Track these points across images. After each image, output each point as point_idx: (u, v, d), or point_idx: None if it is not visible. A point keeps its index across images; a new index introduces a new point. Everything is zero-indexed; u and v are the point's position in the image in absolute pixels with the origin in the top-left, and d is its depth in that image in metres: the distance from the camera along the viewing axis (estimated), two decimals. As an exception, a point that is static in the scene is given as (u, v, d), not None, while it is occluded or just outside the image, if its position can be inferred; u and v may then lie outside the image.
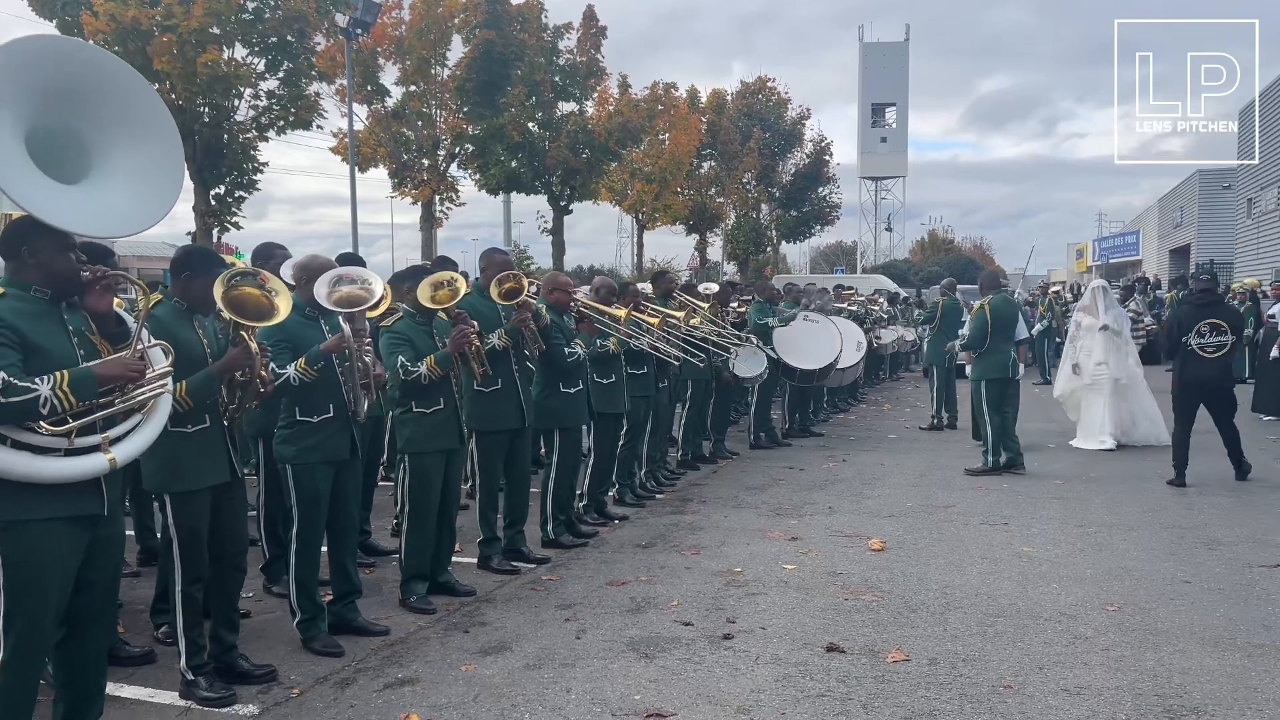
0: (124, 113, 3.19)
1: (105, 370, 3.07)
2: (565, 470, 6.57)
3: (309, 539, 4.62)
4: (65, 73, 3.04)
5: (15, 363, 2.90)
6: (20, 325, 2.96)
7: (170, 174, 3.28)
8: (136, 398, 3.15)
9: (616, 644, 4.64)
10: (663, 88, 31.63)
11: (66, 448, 2.98)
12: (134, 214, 3.16)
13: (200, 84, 17.60)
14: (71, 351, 3.10)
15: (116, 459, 3.08)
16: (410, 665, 4.40)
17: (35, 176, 2.94)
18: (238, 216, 19.60)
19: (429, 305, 5.21)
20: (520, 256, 42.55)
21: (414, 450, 5.24)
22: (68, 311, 3.18)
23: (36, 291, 3.09)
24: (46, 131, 3.03)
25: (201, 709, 3.92)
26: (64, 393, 2.93)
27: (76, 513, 3.06)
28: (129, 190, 3.17)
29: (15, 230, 3.07)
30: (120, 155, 3.18)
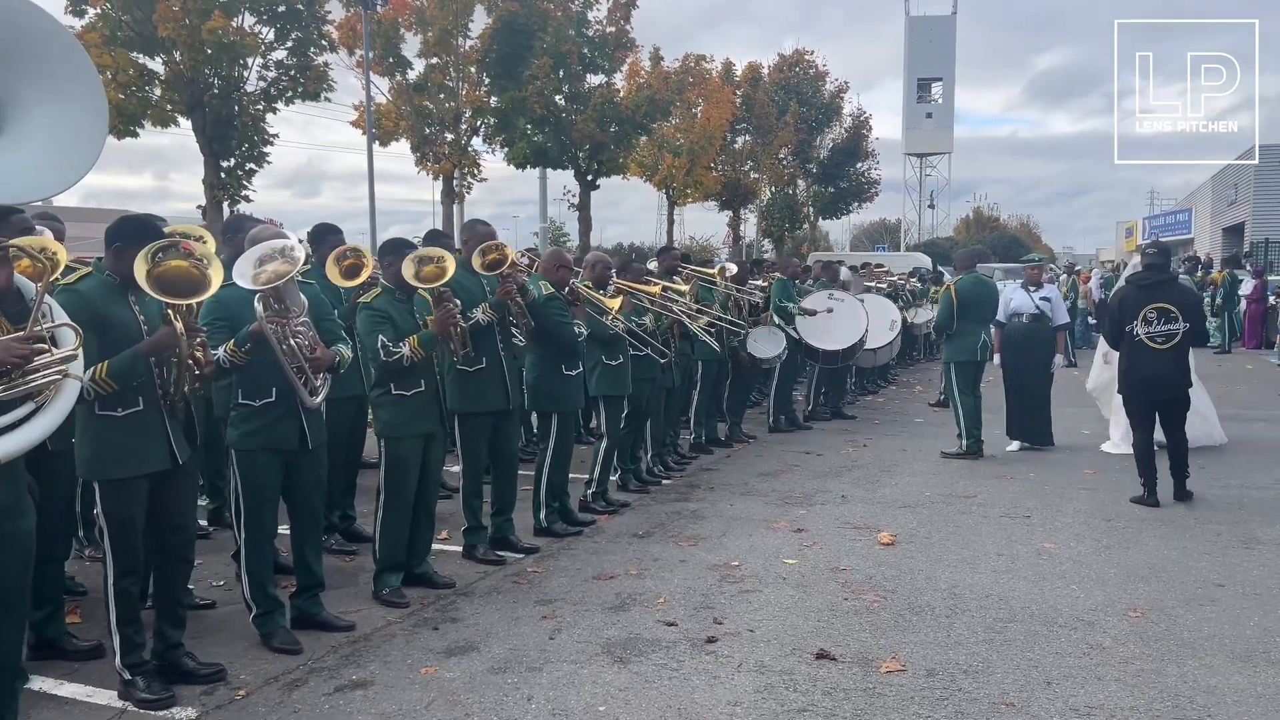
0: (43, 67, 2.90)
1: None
2: (561, 455, 6.26)
3: (255, 530, 4.35)
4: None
5: None
6: None
7: (92, 135, 2.99)
8: (28, 384, 2.86)
9: (591, 646, 4.34)
10: (694, 60, 31.03)
11: None
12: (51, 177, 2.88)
13: (207, 53, 17.39)
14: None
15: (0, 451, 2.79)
16: (368, 666, 4.13)
17: None
18: (248, 189, 19.45)
19: (413, 283, 4.91)
20: (557, 233, 42.27)
21: (391, 435, 4.95)
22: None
23: None
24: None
25: (137, 711, 3.68)
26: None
27: None
28: (42, 151, 2.89)
29: None
30: (34, 113, 2.90)
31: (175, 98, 18.46)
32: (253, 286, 4.05)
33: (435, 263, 4.98)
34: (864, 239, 63.15)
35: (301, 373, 4.20)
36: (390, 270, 4.98)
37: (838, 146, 41.45)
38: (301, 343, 4.19)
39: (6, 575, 2.97)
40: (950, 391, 9.33)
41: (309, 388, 4.24)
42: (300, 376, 4.19)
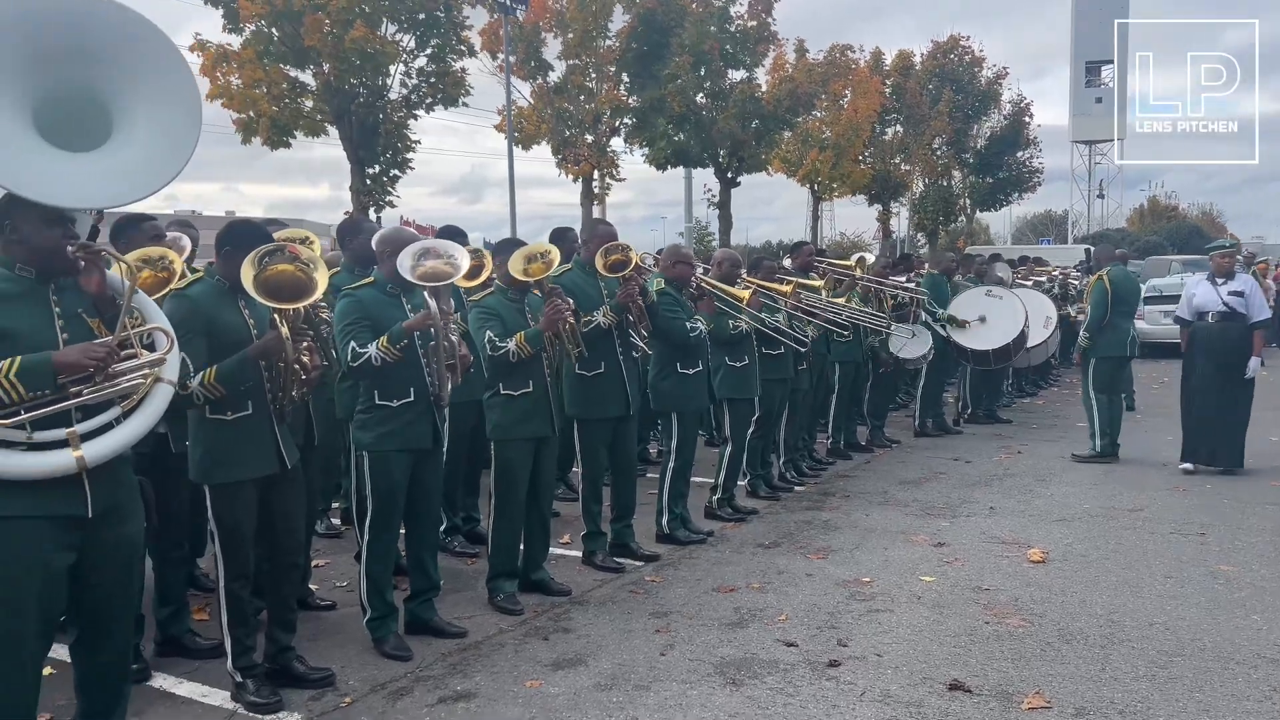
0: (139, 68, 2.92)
1: (63, 358, 2.76)
2: (683, 458, 6.05)
3: (382, 532, 4.32)
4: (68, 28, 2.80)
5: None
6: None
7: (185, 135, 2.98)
8: (114, 388, 2.86)
9: (703, 665, 4.11)
10: (840, 51, 30.19)
11: (26, 441, 2.72)
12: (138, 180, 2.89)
13: (353, 63, 18.01)
14: (53, 337, 2.82)
15: (86, 457, 2.78)
16: (474, 676, 4.03)
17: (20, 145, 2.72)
18: (392, 195, 20.08)
19: (520, 278, 4.83)
20: (701, 233, 42.11)
21: (501, 437, 4.87)
22: (64, 292, 2.91)
23: (21, 270, 2.84)
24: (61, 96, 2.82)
25: (246, 714, 3.69)
26: (10, 383, 2.65)
27: (55, 512, 2.79)
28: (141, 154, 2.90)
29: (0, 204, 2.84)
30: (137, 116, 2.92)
31: (324, 108, 19.27)
32: (413, 279, 4.07)
33: (542, 258, 4.90)
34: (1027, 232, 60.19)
35: (451, 369, 4.20)
36: (502, 270, 4.90)
37: (996, 135, 39.55)
38: (454, 340, 4.19)
39: (109, 579, 2.98)
40: (1085, 389, 8.67)
41: (449, 386, 4.23)
42: (449, 374, 4.20)
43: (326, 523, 6.22)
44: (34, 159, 2.79)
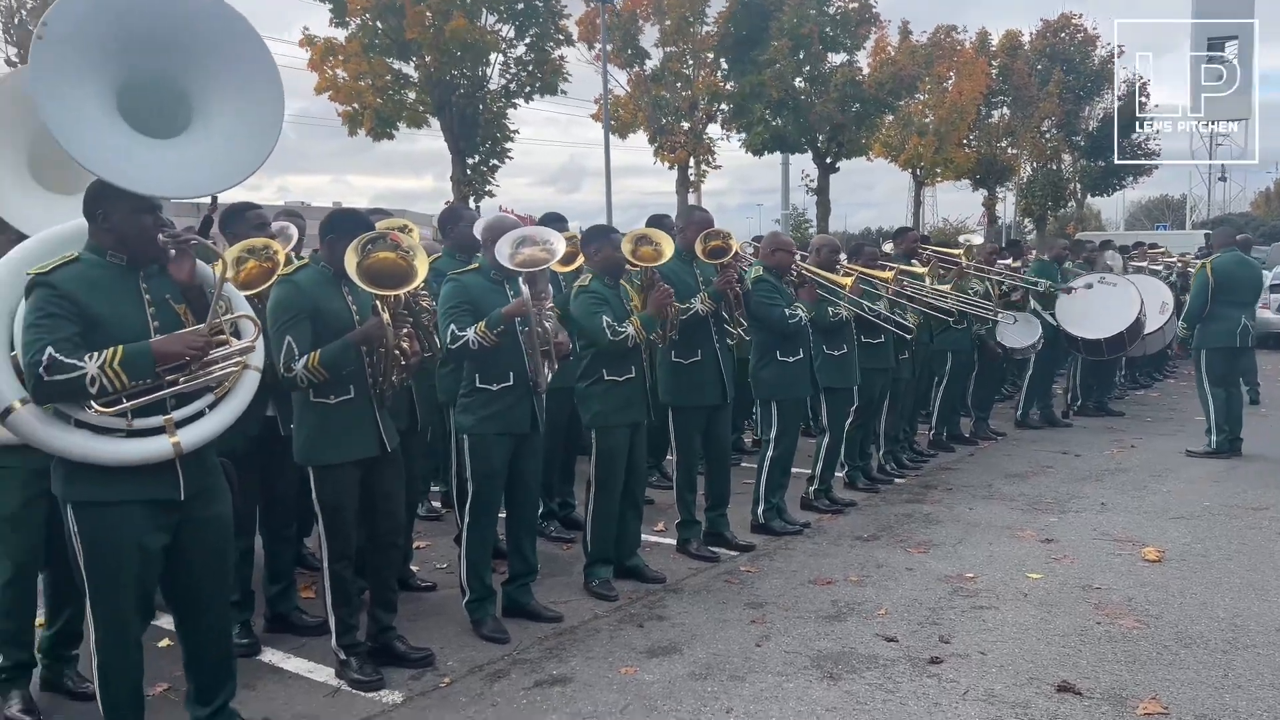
0: (226, 58, 2.98)
1: (162, 347, 2.85)
2: (783, 447, 5.96)
3: (481, 515, 4.39)
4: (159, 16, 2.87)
5: (68, 336, 2.75)
6: (79, 294, 2.80)
7: (267, 127, 3.04)
8: (208, 376, 2.95)
9: (800, 658, 4.04)
10: (945, 32, 29.33)
11: (126, 429, 2.82)
12: (225, 170, 2.95)
13: (454, 54, 18.29)
14: (144, 323, 2.91)
15: (182, 443, 2.88)
16: (569, 661, 4.05)
17: (111, 132, 2.79)
18: (491, 185, 20.35)
19: (630, 260, 4.84)
20: (798, 220, 41.57)
21: (602, 424, 4.87)
22: (151, 279, 3.00)
23: (112, 257, 2.93)
24: (145, 81, 2.87)
25: (350, 691, 3.78)
26: (114, 371, 2.75)
27: (150, 496, 2.91)
28: (224, 144, 2.96)
29: (92, 192, 2.92)
30: (220, 106, 2.98)
31: (426, 99, 19.65)
32: (511, 266, 4.11)
33: (654, 245, 4.89)
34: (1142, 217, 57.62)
35: (546, 356, 4.23)
36: (599, 255, 4.88)
37: (1109, 116, 37.90)
38: (551, 326, 4.20)
39: (203, 558, 3.09)
40: (1199, 381, 8.27)
41: (547, 372, 4.25)
42: (544, 360, 4.22)
43: (427, 505, 6.34)
44: (123, 146, 2.86)
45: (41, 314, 2.75)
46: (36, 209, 3.34)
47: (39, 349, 2.69)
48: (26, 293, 2.82)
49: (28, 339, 2.74)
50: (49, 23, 2.74)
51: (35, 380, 2.71)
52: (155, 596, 3.11)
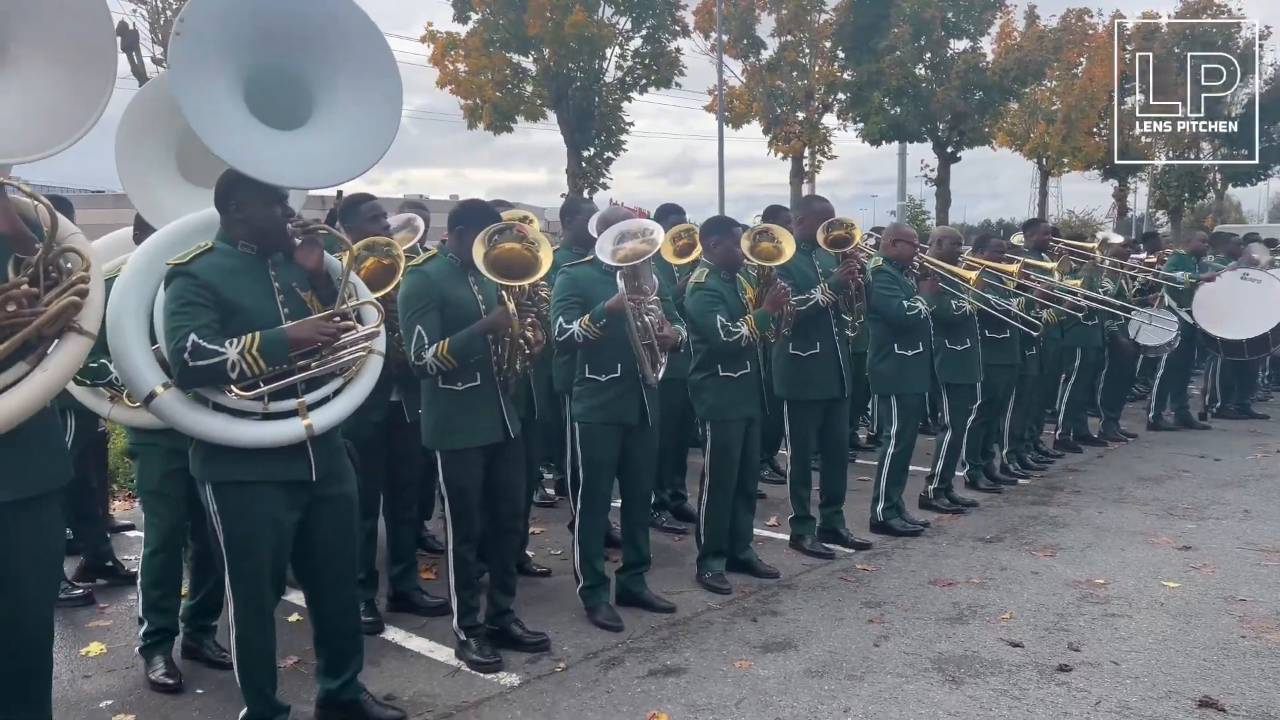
0: (348, 54, 3.06)
1: (297, 333, 2.96)
2: (903, 445, 5.82)
3: (592, 504, 4.42)
4: (288, 9, 2.97)
5: (208, 323, 2.87)
6: (217, 283, 2.92)
7: (386, 121, 3.11)
8: (337, 361, 3.04)
9: (920, 659, 3.94)
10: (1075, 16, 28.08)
11: (262, 412, 2.94)
12: (345, 162, 3.03)
13: (571, 47, 18.48)
14: (275, 310, 3.02)
15: (314, 425, 2.99)
16: (683, 652, 4.05)
17: (243, 124, 2.89)
18: (606, 177, 20.49)
19: (748, 257, 4.79)
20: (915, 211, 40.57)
21: (717, 418, 4.84)
22: (279, 267, 3.11)
23: (243, 247, 3.04)
24: (270, 74, 2.97)
25: (469, 671, 3.87)
26: (253, 357, 2.86)
27: (285, 477, 3.02)
28: (345, 137, 3.04)
29: (223, 183, 3.04)
30: (341, 101, 3.06)
31: (543, 92, 19.93)
32: (612, 262, 4.13)
33: (774, 241, 4.83)
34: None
35: (650, 350, 4.23)
36: (718, 249, 4.84)
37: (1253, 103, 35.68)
38: (652, 320, 4.21)
39: (332, 535, 3.20)
40: None
41: (653, 365, 4.26)
42: (648, 353, 4.22)
43: (541, 492, 6.43)
44: (253, 138, 2.97)
45: (183, 302, 2.89)
46: (184, 204, 3.49)
47: (183, 336, 2.82)
48: (166, 282, 2.96)
49: (171, 326, 2.87)
50: (185, 19, 2.86)
51: (180, 366, 2.84)
52: (286, 573, 3.24)
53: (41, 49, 2.50)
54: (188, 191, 3.50)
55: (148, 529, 3.85)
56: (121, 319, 3.00)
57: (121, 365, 3.02)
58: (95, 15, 2.59)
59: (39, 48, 2.50)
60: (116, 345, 3.00)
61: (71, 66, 2.53)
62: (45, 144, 2.51)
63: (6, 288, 2.37)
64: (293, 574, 3.29)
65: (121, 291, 3.06)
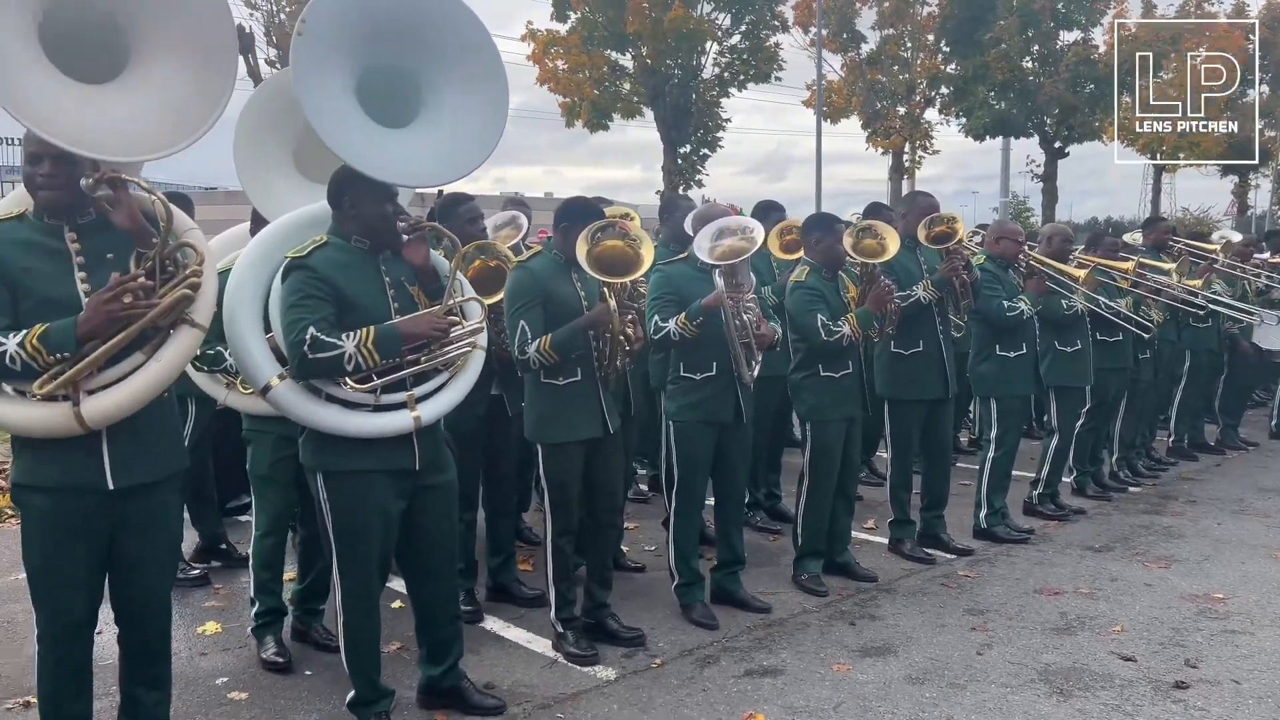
0: (458, 55, 3.11)
1: (409, 328, 3.03)
2: (1005, 449, 5.65)
3: (686, 502, 4.41)
4: (400, 9, 3.02)
5: (326, 317, 2.95)
6: (335, 278, 3.00)
7: (493, 120, 3.15)
8: (444, 355, 3.11)
9: (1026, 669, 3.82)
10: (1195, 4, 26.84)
11: (374, 404, 3.02)
12: (453, 162, 3.09)
13: (669, 44, 18.49)
14: (385, 305, 3.09)
15: (422, 417, 3.06)
16: (779, 653, 4.01)
17: (358, 123, 2.96)
18: (701, 174, 20.45)
19: (852, 255, 4.72)
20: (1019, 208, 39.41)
21: (818, 418, 4.77)
22: (388, 263, 3.18)
23: (356, 242, 3.12)
24: (380, 72, 3.04)
25: (566, 663, 3.90)
26: (368, 350, 2.94)
27: (392, 466, 3.10)
28: (452, 136, 3.09)
29: (338, 180, 3.11)
30: (449, 101, 3.11)
31: (640, 89, 20.00)
32: (709, 260, 4.12)
33: (878, 238, 4.75)
34: None
35: (747, 348, 4.20)
36: (820, 245, 4.78)
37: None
38: (750, 319, 4.18)
39: (435, 522, 3.27)
40: None
41: (749, 363, 4.23)
42: (745, 352, 4.20)
43: (635, 488, 6.45)
44: (366, 136, 3.03)
45: (301, 295, 2.97)
46: (299, 199, 3.60)
47: (302, 329, 2.91)
48: (284, 274, 3.06)
49: (290, 319, 2.96)
50: (307, 19, 2.94)
51: (299, 359, 2.93)
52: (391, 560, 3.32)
53: (169, 51, 2.62)
54: (303, 187, 3.61)
55: (257, 513, 3.99)
56: (237, 311, 3.11)
57: (238, 356, 3.14)
58: (219, 18, 2.71)
59: (167, 49, 2.62)
60: (233, 337, 3.11)
61: (196, 67, 2.65)
62: (171, 142, 2.64)
63: (124, 280, 2.50)
64: (395, 562, 3.37)
65: (237, 283, 3.17)
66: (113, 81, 2.60)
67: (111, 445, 2.57)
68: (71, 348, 2.45)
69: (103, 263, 2.60)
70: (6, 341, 2.42)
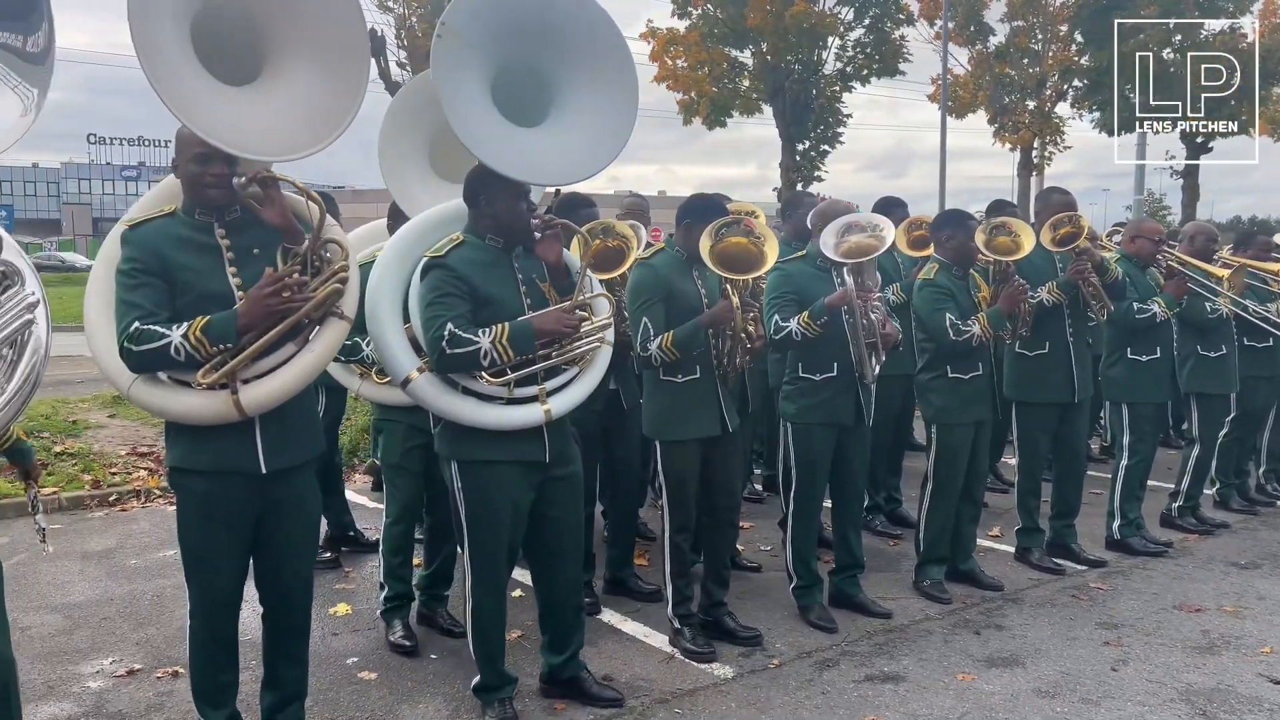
0: (589, 54, 3.15)
1: (542, 324, 3.10)
2: (1137, 457, 5.39)
3: (804, 503, 4.35)
4: (535, 9, 3.08)
5: (463, 313, 3.04)
6: (471, 275, 3.08)
7: (623, 120, 3.18)
8: (574, 350, 3.16)
9: (1165, 688, 3.65)
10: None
11: (507, 397, 3.09)
12: (584, 161, 3.12)
13: (790, 40, 18.28)
14: (519, 301, 3.17)
15: (552, 410, 3.12)
16: (901, 659, 3.93)
17: (494, 121, 3.02)
18: (820, 170, 20.14)
19: (983, 251, 4.60)
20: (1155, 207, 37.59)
21: (945, 421, 4.64)
22: (521, 260, 3.25)
23: (490, 240, 3.19)
24: (513, 72, 3.10)
25: (683, 659, 3.91)
26: (503, 346, 3.02)
27: (523, 458, 3.17)
28: (581, 137, 3.13)
29: (474, 179, 3.19)
30: (579, 100, 3.15)
31: (760, 86, 19.86)
32: (835, 257, 4.07)
33: (1011, 235, 4.61)
34: None
35: (872, 348, 4.14)
36: (951, 243, 4.65)
37: None
38: (877, 318, 4.12)
39: (563, 513, 3.33)
40: None
41: (872, 363, 4.17)
42: (870, 352, 4.13)
43: (749, 487, 6.41)
44: (501, 134, 3.11)
45: (440, 293, 3.07)
46: (433, 197, 3.71)
47: (440, 325, 3.01)
48: (423, 272, 3.15)
49: (428, 316, 3.06)
50: (447, 20, 3.03)
51: (438, 354, 3.03)
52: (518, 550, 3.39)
53: (302, 53, 2.73)
54: (438, 186, 3.72)
55: (388, 500, 4.13)
56: (379, 306, 3.23)
57: (380, 350, 3.26)
58: (352, 23, 2.79)
59: (300, 52, 2.73)
60: (375, 331, 3.24)
61: (329, 70, 2.75)
62: (309, 142, 2.74)
63: (282, 275, 2.62)
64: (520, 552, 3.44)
65: (378, 280, 3.29)
66: (250, 84, 2.73)
67: (263, 431, 2.71)
68: (233, 339, 2.59)
69: (250, 258, 2.73)
70: (171, 334, 2.56)
